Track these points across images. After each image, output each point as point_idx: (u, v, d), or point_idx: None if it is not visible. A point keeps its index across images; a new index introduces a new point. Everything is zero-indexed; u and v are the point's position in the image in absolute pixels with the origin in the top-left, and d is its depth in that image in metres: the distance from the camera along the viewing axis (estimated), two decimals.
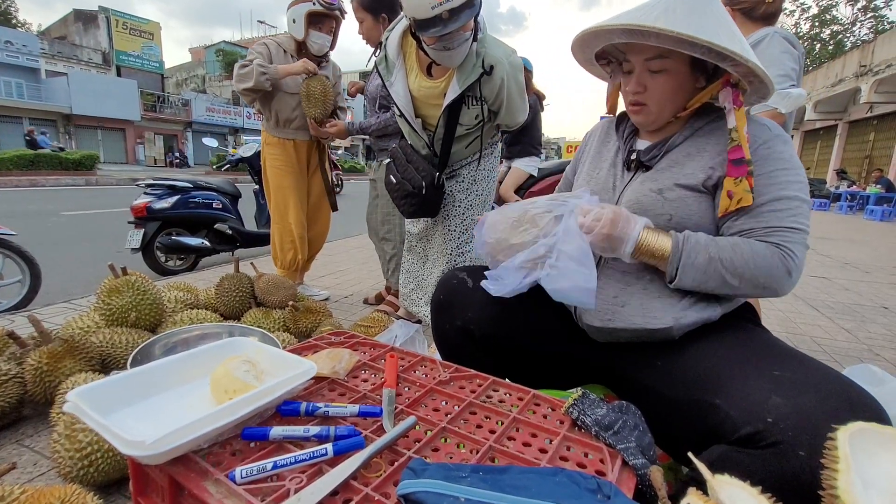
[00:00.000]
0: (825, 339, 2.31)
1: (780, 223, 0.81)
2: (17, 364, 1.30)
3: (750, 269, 0.78)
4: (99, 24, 24.37)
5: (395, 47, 1.56)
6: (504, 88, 1.50)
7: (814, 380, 0.68)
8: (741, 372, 0.74)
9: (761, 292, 0.82)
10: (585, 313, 0.94)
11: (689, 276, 0.80)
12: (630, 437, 0.68)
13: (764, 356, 0.77)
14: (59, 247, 4.31)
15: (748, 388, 0.70)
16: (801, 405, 0.64)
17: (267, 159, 2.36)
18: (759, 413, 0.65)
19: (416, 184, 1.61)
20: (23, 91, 19.80)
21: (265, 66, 2.09)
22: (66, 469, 0.98)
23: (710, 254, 0.79)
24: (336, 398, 0.82)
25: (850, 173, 14.85)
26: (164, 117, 25.72)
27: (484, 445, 0.67)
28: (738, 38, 0.79)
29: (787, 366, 0.73)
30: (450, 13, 1.27)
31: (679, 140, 0.90)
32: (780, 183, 0.82)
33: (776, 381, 0.69)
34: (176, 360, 0.80)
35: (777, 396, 0.66)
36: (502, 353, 1.05)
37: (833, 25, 23.67)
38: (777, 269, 0.79)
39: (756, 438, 0.64)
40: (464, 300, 1.07)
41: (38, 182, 10.91)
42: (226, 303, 1.82)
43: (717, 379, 0.76)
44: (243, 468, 0.58)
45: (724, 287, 0.81)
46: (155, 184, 3.33)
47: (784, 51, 1.44)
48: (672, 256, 0.80)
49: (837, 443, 0.49)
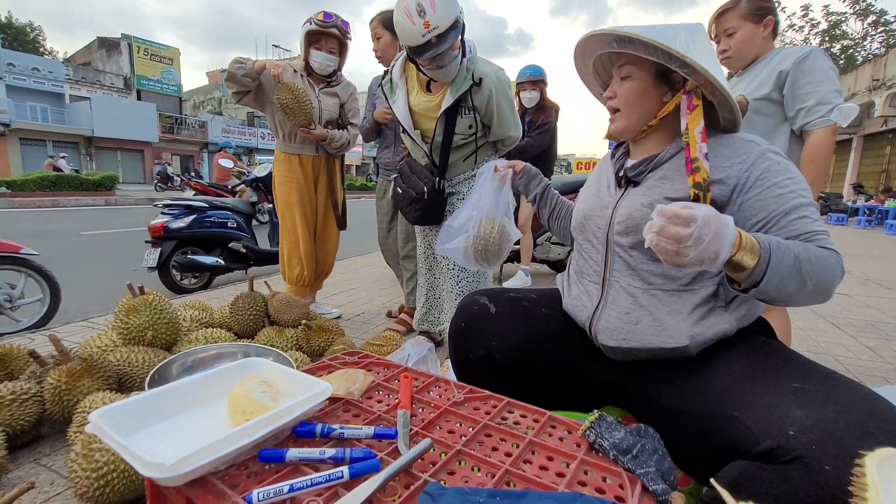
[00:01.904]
0: (848, 358, 2.25)
1: (811, 228, 0.79)
2: (36, 383, 1.32)
3: (823, 268, 0.75)
4: (121, 50, 25.38)
5: (399, 70, 1.78)
6: (493, 99, 1.68)
7: (836, 392, 0.66)
8: (760, 385, 0.73)
9: (818, 296, 0.78)
10: (601, 333, 0.94)
11: (775, 279, 0.70)
12: (649, 462, 0.66)
13: (783, 369, 0.75)
14: (79, 266, 4.41)
15: (768, 400, 0.69)
16: (823, 418, 0.62)
17: (276, 176, 2.38)
18: (780, 426, 0.64)
19: (419, 189, 1.77)
20: (48, 115, 20.60)
21: (243, 60, 2.11)
22: (83, 489, 0.98)
23: (794, 253, 0.72)
24: (351, 419, 0.82)
25: (867, 187, 14.62)
26: (182, 138, 26.43)
27: (500, 469, 0.67)
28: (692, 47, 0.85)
29: (807, 378, 0.71)
30: (438, 38, 1.48)
31: (666, 157, 0.93)
32: (793, 191, 0.82)
33: (797, 394, 0.68)
34: (193, 380, 0.81)
35: (798, 409, 0.65)
36: (526, 377, 1.04)
37: (843, 40, 23.62)
38: (836, 268, 0.77)
39: (777, 453, 0.62)
40: (487, 327, 1.05)
41: (59, 202, 11.23)
42: (240, 321, 1.84)
43: (736, 392, 0.74)
44: (260, 491, 0.58)
45: (800, 291, 0.73)
46: (172, 203, 3.41)
47: (831, 67, 1.45)
48: (762, 256, 0.69)
49: (866, 469, 0.48)
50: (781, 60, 1.49)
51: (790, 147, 1.51)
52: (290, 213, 2.36)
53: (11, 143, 19.52)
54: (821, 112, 1.40)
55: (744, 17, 1.54)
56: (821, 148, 1.42)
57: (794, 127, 1.48)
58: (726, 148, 0.88)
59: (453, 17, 1.49)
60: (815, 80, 1.41)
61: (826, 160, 1.44)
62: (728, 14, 1.56)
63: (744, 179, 0.84)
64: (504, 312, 1.06)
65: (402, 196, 1.85)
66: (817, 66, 1.43)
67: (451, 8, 1.48)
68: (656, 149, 0.96)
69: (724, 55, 1.60)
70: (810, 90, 1.42)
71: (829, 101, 1.40)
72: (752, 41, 1.56)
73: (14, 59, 20.44)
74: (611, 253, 0.96)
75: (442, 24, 1.47)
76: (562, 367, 1.02)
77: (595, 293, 0.98)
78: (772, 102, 1.49)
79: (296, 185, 2.34)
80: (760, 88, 1.49)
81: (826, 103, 1.40)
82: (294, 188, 2.34)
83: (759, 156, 0.85)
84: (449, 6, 1.48)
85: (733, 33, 1.56)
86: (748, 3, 1.53)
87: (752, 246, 0.70)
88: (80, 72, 24.31)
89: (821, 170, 1.43)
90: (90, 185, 13.01)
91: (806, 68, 1.42)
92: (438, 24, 1.46)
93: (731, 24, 1.56)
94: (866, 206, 12.11)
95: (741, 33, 1.55)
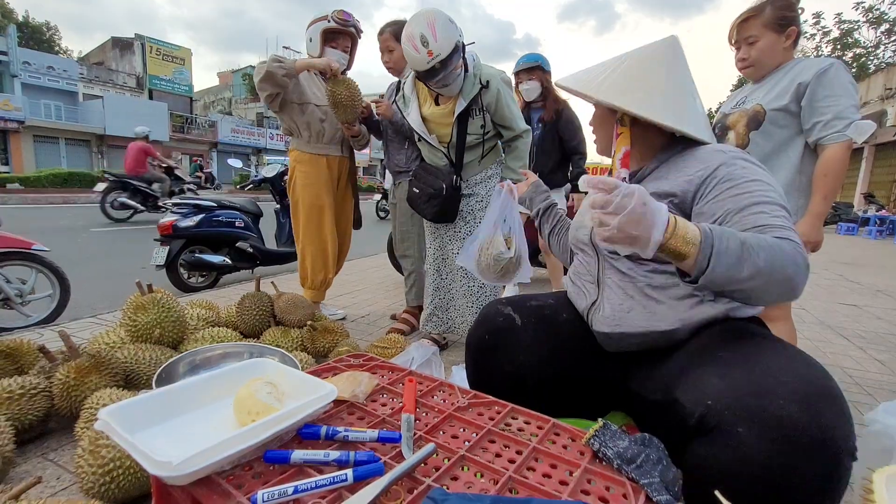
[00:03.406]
0: (857, 370, 2.22)
1: (768, 222, 0.76)
2: (45, 378, 1.34)
3: (777, 255, 0.69)
4: (134, 50, 25.70)
5: (410, 86, 1.98)
6: (501, 96, 1.84)
7: (753, 356, 0.66)
8: (696, 360, 0.74)
9: (784, 288, 0.72)
10: (596, 320, 0.98)
11: (722, 265, 0.67)
12: (654, 472, 0.66)
13: (722, 340, 0.76)
14: (87, 262, 4.46)
15: (698, 375, 0.69)
16: (734, 382, 0.62)
17: (298, 178, 2.28)
18: (701, 397, 0.64)
19: (436, 186, 1.90)
20: (61, 113, 20.87)
21: (282, 58, 2.03)
22: (88, 484, 0.99)
23: (739, 238, 0.69)
24: (355, 422, 0.83)
25: (879, 197, 14.44)
26: (192, 138, 26.65)
27: (503, 475, 0.67)
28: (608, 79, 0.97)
29: (735, 346, 0.71)
30: (441, 63, 1.65)
31: (647, 171, 0.99)
32: (751, 192, 0.80)
33: (719, 363, 0.68)
34: (200, 380, 0.82)
35: (715, 378, 0.65)
36: (552, 393, 1.01)
37: (856, 48, 23.40)
38: (796, 257, 0.70)
39: (703, 424, 0.63)
40: (513, 342, 1.02)
41: (70, 199, 11.38)
42: (246, 321, 1.85)
43: (679, 373, 0.75)
44: (265, 491, 0.58)
45: (754, 278, 0.68)
46: (181, 202, 3.45)
47: (850, 81, 1.43)
48: (703, 242, 0.67)
49: (874, 486, 0.47)
50: (801, 72, 1.46)
51: (802, 159, 1.49)
52: (319, 216, 2.30)
53: (25, 139, 19.81)
54: (837, 127, 1.39)
55: (766, 26, 1.51)
56: (835, 163, 1.41)
57: (810, 140, 1.46)
58: (691, 158, 0.91)
59: (453, 42, 1.65)
60: (835, 93, 1.40)
61: (840, 175, 1.42)
62: (751, 21, 1.53)
63: (704, 185, 0.85)
64: (529, 324, 1.04)
65: (418, 195, 1.97)
66: (838, 79, 1.41)
67: (451, 35, 1.64)
68: (638, 165, 1.03)
69: (743, 63, 1.58)
70: (829, 104, 1.40)
71: (847, 117, 1.38)
72: (774, 51, 1.53)
73: (30, 58, 20.72)
74: (602, 258, 1.01)
75: (444, 52, 1.63)
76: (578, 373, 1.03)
77: (592, 292, 1.03)
78: (789, 114, 1.47)
79: (325, 187, 2.29)
80: (779, 99, 1.47)
81: (843, 118, 1.38)
82: (324, 190, 2.29)
83: (722, 162, 0.86)
84: (449, 34, 1.64)
85: (755, 42, 1.54)
86: (772, 12, 1.50)
87: (689, 233, 0.68)
88: (93, 71, 24.64)
89: (834, 184, 1.42)
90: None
91: (827, 81, 1.40)
92: (440, 51, 1.63)
93: (754, 31, 1.53)
94: (877, 216, 11.96)
95: (763, 42, 1.53)
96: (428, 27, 1.62)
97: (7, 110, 18.55)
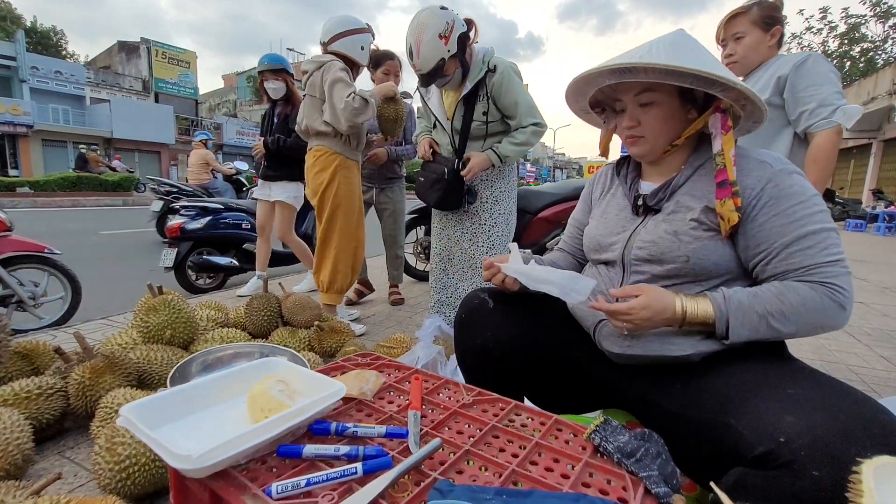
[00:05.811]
0: (862, 367, 2.22)
1: (813, 261, 0.79)
2: (61, 378, 1.38)
3: (803, 315, 0.77)
4: (140, 54, 25.95)
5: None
6: (506, 80, 1.88)
7: (827, 397, 0.67)
8: (756, 391, 0.74)
9: (819, 331, 0.81)
10: (605, 339, 0.96)
11: (741, 337, 0.80)
12: (652, 466, 0.68)
13: (780, 375, 0.77)
14: (97, 264, 4.52)
15: (761, 407, 0.70)
16: (813, 423, 0.63)
17: (341, 183, 2.26)
18: (772, 432, 0.65)
19: (439, 171, 2.00)
20: (69, 117, 21.13)
21: (365, 94, 2.09)
22: (106, 481, 1.03)
23: (757, 312, 0.78)
24: (363, 419, 0.85)
25: (887, 193, 14.30)
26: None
27: (507, 469, 0.69)
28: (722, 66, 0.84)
29: (801, 384, 0.72)
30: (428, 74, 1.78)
31: (681, 181, 0.92)
32: (799, 219, 0.81)
33: (789, 400, 0.69)
34: (215, 378, 0.85)
35: (789, 415, 0.66)
36: (522, 370, 1.07)
37: (863, 43, 23.16)
38: (830, 308, 0.77)
39: (769, 459, 0.64)
40: (483, 320, 1.09)
41: (79, 202, 11.51)
42: (254, 322, 1.89)
43: (733, 399, 0.76)
44: (279, 484, 0.61)
45: (779, 337, 0.81)
46: (189, 205, 3.49)
47: (831, 70, 1.47)
48: (718, 322, 0.80)
49: (862, 476, 0.49)
50: (780, 66, 1.53)
51: (793, 149, 1.54)
52: (356, 221, 2.36)
53: (34, 143, 20.06)
54: (823, 114, 1.42)
55: (753, 24, 1.58)
56: (825, 149, 1.44)
57: (798, 130, 1.51)
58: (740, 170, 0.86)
59: (435, 61, 1.75)
60: (815, 82, 1.44)
61: (829, 161, 1.46)
62: (739, 18, 1.61)
63: (752, 206, 0.83)
64: (499, 308, 1.09)
65: (424, 183, 2.09)
66: (816, 68, 1.45)
67: (434, 54, 1.74)
68: (671, 170, 0.96)
69: (729, 59, 1.65)
70: (811, 93, 1.44)
71: (831, 103, 1.42)
72: (759, 48, 1.60)
73: (38, 63, 20.99)
74: (628, 274, 0.96)
75: (425, 68, 1.77)
76: (564, 366, 1.05)
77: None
78: (773, 107, 1.52)
79: (358, 193, 2.36)
80: (761, 94, 1.53)
81: (828, 105, 1.42)
82: (358, 195, 2.36)
83: (768, 180, 0.83)
84: (432, 53, 1.74)
85: (741, 37, 1.61)
86: (759, 11, 1.57)
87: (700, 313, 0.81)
88: (100, 75, 24.91)
89: (825, 170, 1.45)
90: (109, 186, 13.31)
91: (805, 72, 1.45)
92: (422, 67, 1.78)
93: (741, 28, 1.60)
94: (886, 213, 11.84)
95: (749, 38, 1.59)
96: (415, 42, 1.74)
97: (16, 115, 18.80)
